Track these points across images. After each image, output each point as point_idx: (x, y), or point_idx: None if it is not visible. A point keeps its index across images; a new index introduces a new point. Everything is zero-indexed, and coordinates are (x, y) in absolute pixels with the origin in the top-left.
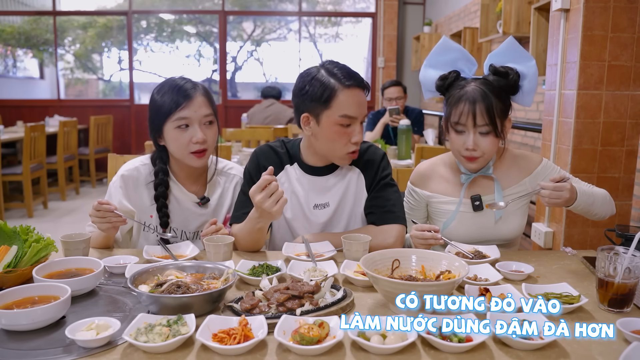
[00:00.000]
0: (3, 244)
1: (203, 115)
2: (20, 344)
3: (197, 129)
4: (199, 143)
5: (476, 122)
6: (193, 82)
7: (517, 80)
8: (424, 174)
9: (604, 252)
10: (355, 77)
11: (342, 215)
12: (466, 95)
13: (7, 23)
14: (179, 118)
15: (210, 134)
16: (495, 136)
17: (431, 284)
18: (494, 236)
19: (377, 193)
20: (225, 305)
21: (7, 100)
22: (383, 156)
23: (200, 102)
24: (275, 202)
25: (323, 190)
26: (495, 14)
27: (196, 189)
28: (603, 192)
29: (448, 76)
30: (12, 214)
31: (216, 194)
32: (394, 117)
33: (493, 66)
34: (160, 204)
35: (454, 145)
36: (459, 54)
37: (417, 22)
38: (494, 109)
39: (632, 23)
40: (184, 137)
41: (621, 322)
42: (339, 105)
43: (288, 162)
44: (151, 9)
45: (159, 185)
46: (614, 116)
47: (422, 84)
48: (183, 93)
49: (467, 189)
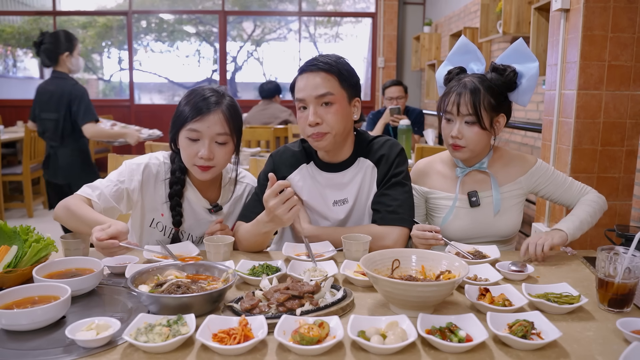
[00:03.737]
0: (3, 244)
1: (216, 133)
2: (20, 344)
3: (205, 144)
4: (203, 159)
5: (460, 111)
6: (219, 96)
7: (513, 78)
8: (421, 171)
9: (604, 252)
10: (310, 60)
11: (360, 210)
12: (457, 86)
13: (7, 23)
14: (190, 129)
15: (221, 153)
16: (481, 128)
17: (431, 284)
18: (491, 232)
19: (385, 190)
20: (225, 305)
21: (7, 100)
22: (400, 152)
23: (217, 119)
24: (288, 210)
25: (341, 186)
26: (495, 14)
27: (209, 195)
28: (598, 206)
29: (452, 71)
30: (12, 214)
31: (228, 202)
32: (395, 116)
33: (493, 63)
34: (174, 202)
35: (444, 134)
36: (473, 55)
37: (417, 22)
38: (481, 101)
39: (632, 23)
40: (192, 149)
41: (621, 322)
42: (295, 92)
43: (305, 161)
44: (151, 9)
45: (175, 184)
46: (614, 116)
47: (437, 81)
48: (202, 105)
49: (464, 184)
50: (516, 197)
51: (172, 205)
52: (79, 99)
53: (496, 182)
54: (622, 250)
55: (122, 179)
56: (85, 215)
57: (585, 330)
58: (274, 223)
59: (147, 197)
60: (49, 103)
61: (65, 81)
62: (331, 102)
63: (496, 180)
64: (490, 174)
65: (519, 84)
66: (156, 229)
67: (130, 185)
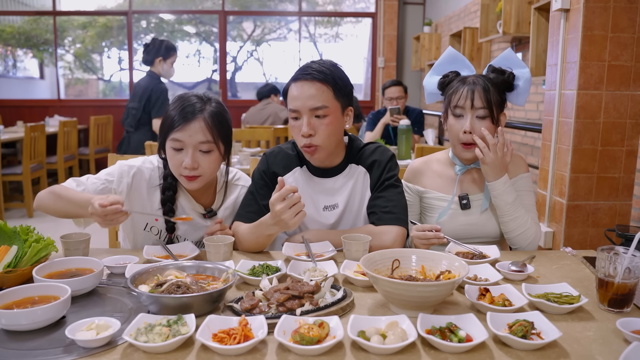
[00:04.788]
0: (3, 244)
1: (198, 142)
2: (20, 344)
3: (189, 154)
4: (187, 169)
5: (474, 104)
6: (203, 103)
7: (513, 79)
8: (417, 170)
9: (604, 252)
10: (305, 68)
11: (350, 216)
12: (466, 82)
13: (7, 23)
14: (173, 139)
15: (206, 162)
16: (492, 122)
17: (431, 284)
18: (480, 233)
19: (379, 193)
20: (225, 305)
21: (7, 100)
22: (391, 157)
23: (198, 127)
24: (294, 214)
25: (331, 191)
26: (495, 14)
27: (204, 200)
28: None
29: (449, 74)
30: (12, 214)
31: (225, 204)
32: (395, 116)
33: (492, 65)
34: (167, 208)
35: (452, 131)
36: (461, 64)
37: (417, 22)
38: (491, 95)
39: (632, 23)
40: (177, 158)
41: (621, 322)
42: (289, 100)
43: (298, 165)
44: (151, 9)
45: (167, 190)
46: (614, 116)
47: (425, 89)
48: (184, 114)
49: (460, 183)
50: None
51: (165, 212)
52: (158, 95)
53: None
54: (622, 250)
55: (111, 179)
56: (75, 196)
57: (585, 330)
58: (279, 227)
59: (136, 201)
60: (135, 94)
61: (152, 79)
62: (325, 114)
63: None
64: None
65: (516, 85)
66: (151, 233)
67: (118, 186)
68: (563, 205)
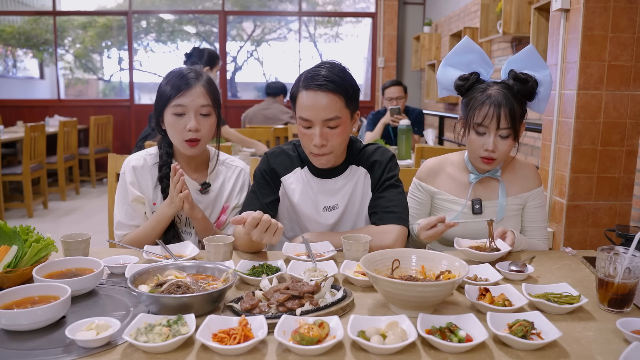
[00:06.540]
0: (3, 244)
1: (200, 105)
2: (20, 344)
3: (191, 117)
4: (192, 131)
5: (499, 125)
6: (197, 73)
7: (536, 87)
8: (432, 170)
9: (604, 252)
10: (316, 77)
11: (350, 216)
12: (490, 99)
13: (7, 23)
14: (176, 105)
15: (206, 125)
16: (513, 139)
17: (431, 284)
18: None
19: (380, 193)
20: (225, 305)
21: (7, 100)
22: (391, 157)
23: (199, 92)
24: (272, 234)
25: (332, 192)
26: (495, 14)
27: (197, 177)
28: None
29: (469, 77)
30: (12, 214)
31: (217, 183)
32: (395, 116)
33: (514, 72)
34: (164, 184)
35: (473, 146)
36: (478, 56)
37: (417, 22)
38: (516, 114)
39: (632, 23)
40: (179, 124)
41: (621, 322)
42: (299, 107)
43: (299, 165)
44: (151, 9)
45: (163, 166)
46: (614, 116)
47: (439, 82)
48: (184, 81)
49: (472, 189)
50: (516, 210)
51: (163, 188)
52: None
53: (505, 192)
54: (622, 250)
55: (126, 196)
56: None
57: (585, 330)
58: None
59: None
60: None
61: None
62: (337, 124)
63: (505, 189)
64: (500, 181)
65: (538, 92)
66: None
67: (134, 194)
68: (563, 205)
